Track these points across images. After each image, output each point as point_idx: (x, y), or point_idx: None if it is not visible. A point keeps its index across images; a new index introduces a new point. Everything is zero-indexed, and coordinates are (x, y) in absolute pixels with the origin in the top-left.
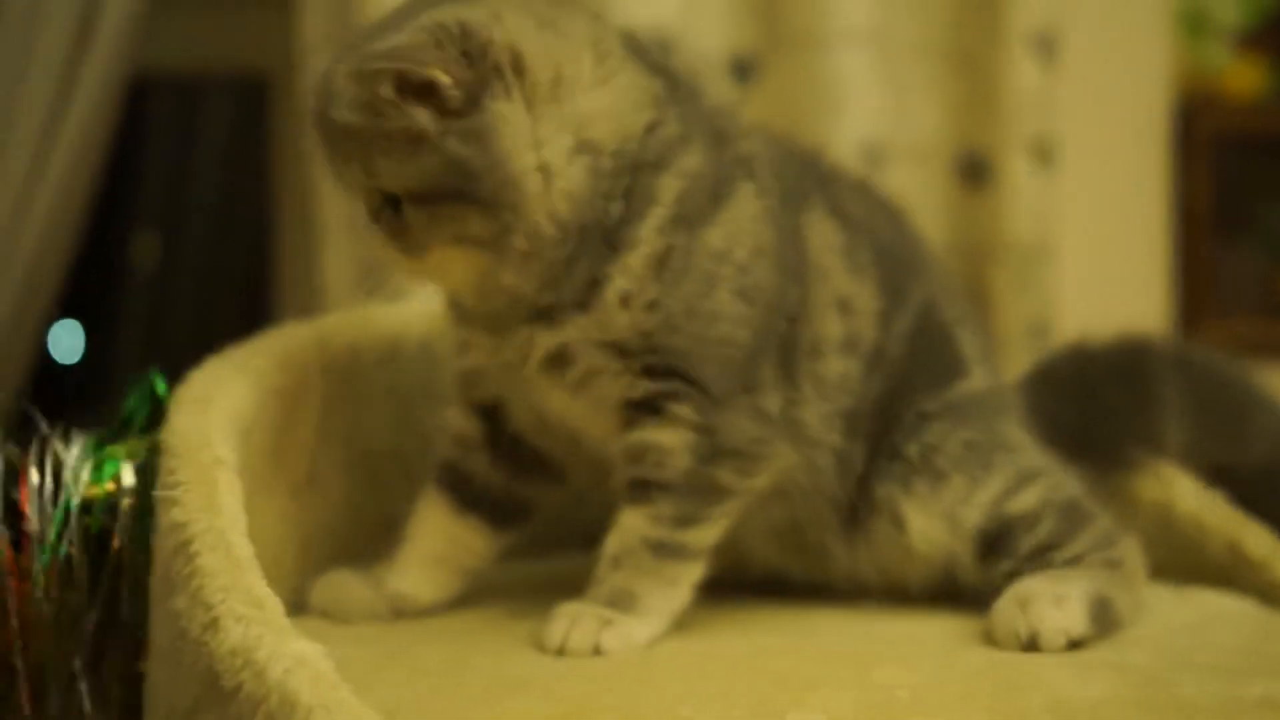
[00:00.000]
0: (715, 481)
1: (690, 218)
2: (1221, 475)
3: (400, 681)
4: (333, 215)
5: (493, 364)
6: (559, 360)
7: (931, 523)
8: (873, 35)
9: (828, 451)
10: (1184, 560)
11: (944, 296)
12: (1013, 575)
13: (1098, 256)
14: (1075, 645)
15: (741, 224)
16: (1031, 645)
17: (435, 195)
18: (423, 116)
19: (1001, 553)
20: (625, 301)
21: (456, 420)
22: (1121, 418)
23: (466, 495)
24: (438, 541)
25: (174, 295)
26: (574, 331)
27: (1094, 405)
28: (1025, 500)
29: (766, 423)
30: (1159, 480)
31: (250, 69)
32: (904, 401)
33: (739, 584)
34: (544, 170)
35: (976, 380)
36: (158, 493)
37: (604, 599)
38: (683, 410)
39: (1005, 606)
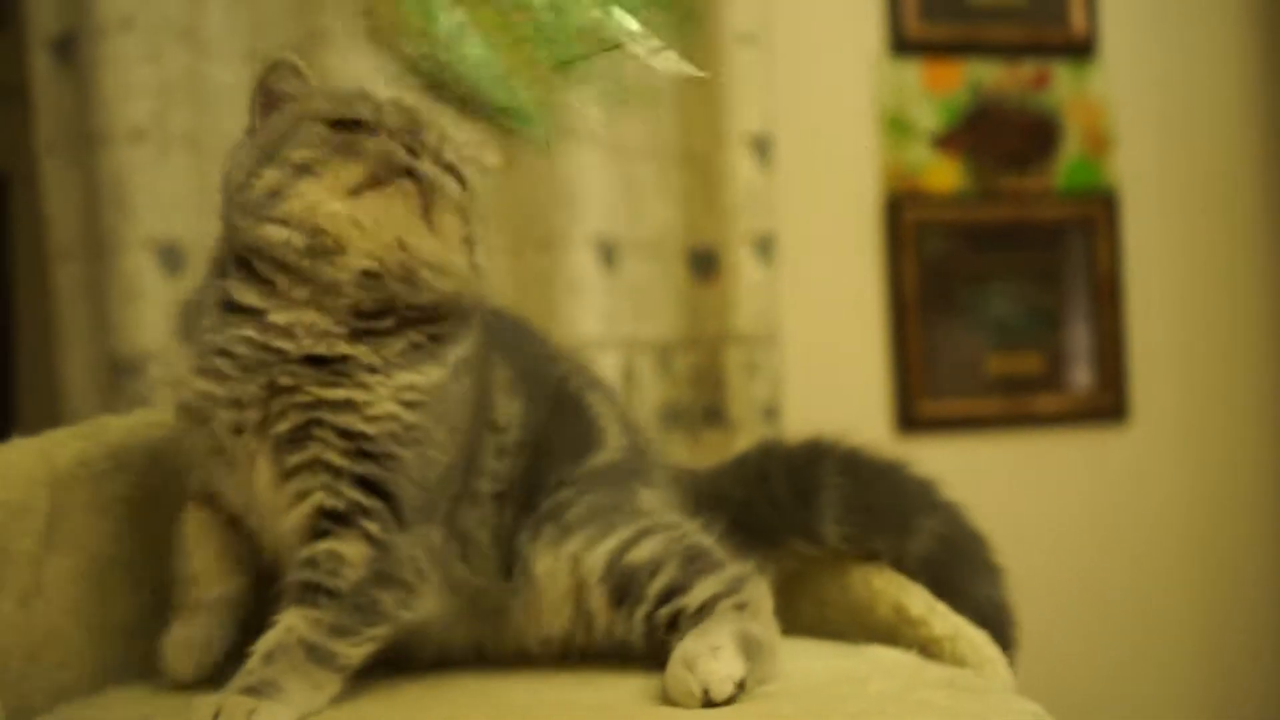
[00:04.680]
0: (377, 603)
1: (460, 373)
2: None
3: None
4: (72, 317)
5: (223, 425)
6: (296, 437)
7: (556, 565)
8: (602, 137)
9: (485, 544)
10: (857, 621)
11: (573, 372)
12: (650, 619)
13: (821, 342)
14: (741, 685)
15: (466, 394)
16: (707, 697)
17: None
18: None
19: (631, 599)
20: (399, 394)
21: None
22: (785, 512)
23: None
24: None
25: None
26: (344, 392)
27: (765, 498)
28: (644, 550)
29: (431, 556)
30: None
31: None
32: (547, 468)
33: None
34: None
35: (610, 451)
36: None
37: (247, 688)
38: (371, 526)
39: (674, 669)
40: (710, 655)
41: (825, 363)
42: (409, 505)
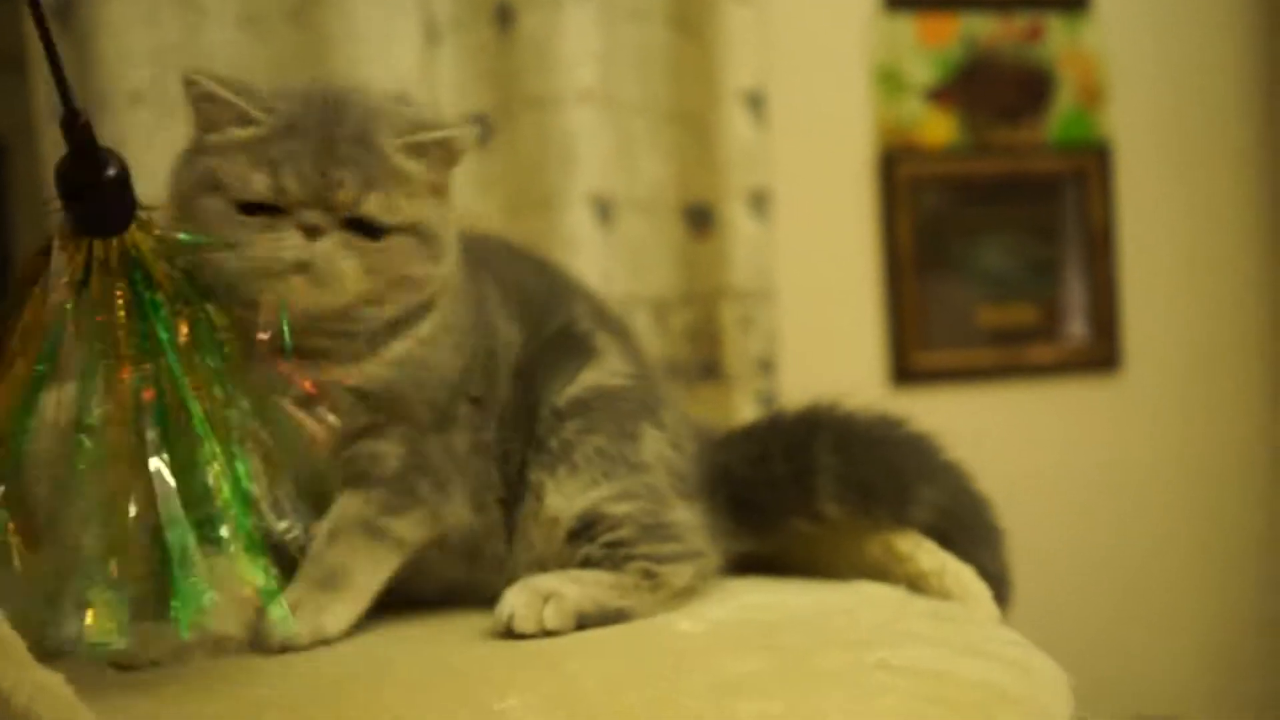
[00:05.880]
0: (416, 488)
1: (446, 323)
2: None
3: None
4: None
5: None
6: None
7: (559, 500)
8: (599, 96)
9: (493, 461)
10: (849, 559)
11: (585, 316)
12: (587, 559)
13: (816, 295)
14: (549, 633)
15: (460, 322)
16: (509, 628)
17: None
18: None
19: (583, 538)
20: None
21: None
22: (784, 494)
23: None
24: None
25: None
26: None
27: (765, 480)
28: (619, 508)
29: (454, 458)
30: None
31: None
32: (542, 400)
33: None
34: None
35: (608, 375)
36: None
37: (317, 580)
38: (395, 432)
39: (513, 589)
40: (541, 597)
41: (820, 316)
42: (420, 420)
